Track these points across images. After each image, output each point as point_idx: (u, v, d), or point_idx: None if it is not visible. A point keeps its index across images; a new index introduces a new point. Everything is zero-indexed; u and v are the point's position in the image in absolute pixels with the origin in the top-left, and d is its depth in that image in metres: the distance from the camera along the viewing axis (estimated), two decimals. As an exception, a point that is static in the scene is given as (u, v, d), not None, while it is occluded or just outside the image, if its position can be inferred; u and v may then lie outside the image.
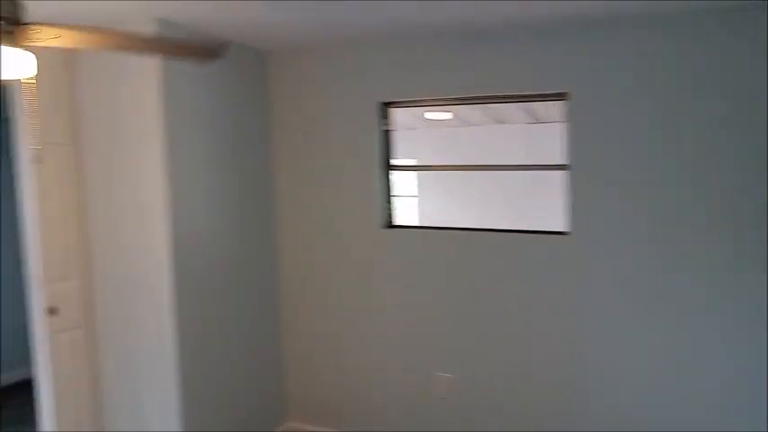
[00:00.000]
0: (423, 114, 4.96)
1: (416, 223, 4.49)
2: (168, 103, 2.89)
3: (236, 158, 3.42)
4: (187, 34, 2.95)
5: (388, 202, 3.54)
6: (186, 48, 2.04)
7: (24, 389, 4.61)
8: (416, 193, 6.20)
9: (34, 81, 1.84)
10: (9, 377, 4.81)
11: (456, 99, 3.35)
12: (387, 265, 3.51)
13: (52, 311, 2.97)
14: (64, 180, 3.05)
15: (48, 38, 1.78)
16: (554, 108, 3.24)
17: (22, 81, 1.87)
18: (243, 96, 3.48)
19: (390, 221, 3.54)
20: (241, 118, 3.46)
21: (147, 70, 2.85)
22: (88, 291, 3.17)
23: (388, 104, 3.48)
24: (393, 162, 3.53)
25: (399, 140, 3.57)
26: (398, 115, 3.54)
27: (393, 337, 3.53)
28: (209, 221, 3.22)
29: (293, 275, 3.77)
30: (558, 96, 3.08)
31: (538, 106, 4.07)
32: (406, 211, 4.55)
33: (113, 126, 3.02)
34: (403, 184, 3.63)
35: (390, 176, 3.53)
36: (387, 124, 3.49)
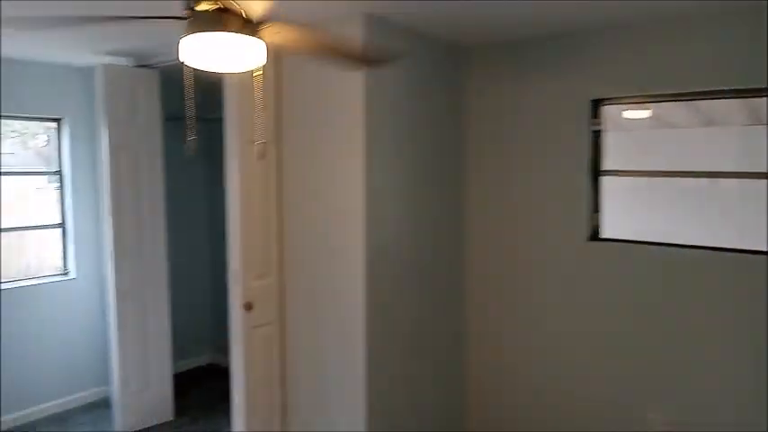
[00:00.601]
0: (620, 114, 4.46)
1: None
2: (370, 102, 2.77)
3: (429, 157, 3.24)
4: (390, 29, 2.82)
5: (596, 211, 3.13)
6: (354, 55, 1.91)
7: (206, 373, 4.90)
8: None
9: (262, 73, 1.76)
10: (197, 361, 5.12)
11: (679, 95, 2.88)
12: (590, 282, 3.11)
13: (248, 307, 3.00)
14: (266, 179, 3.07)
15: (271, 33, 1.71)
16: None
17: (253, 74, 1.80)
18: (440, 94, 3.29)
19: (597, 234, 3.14)
20: (437, 116, 3.28)
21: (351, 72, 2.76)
22: (281, 289, 3.18)
23: (598, 102, 3.08)
24: (603, 167, 3.12)
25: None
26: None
27: (591, 362, 3.12)
28: (401, 225, 3.07)
29: (481, 286, 3.50)
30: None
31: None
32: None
33: (314, 126, 2.98)
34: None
35: (599, 183, 3.13)
36: (597, 124, 3.09)
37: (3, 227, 4.05)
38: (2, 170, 4.49)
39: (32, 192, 4.83)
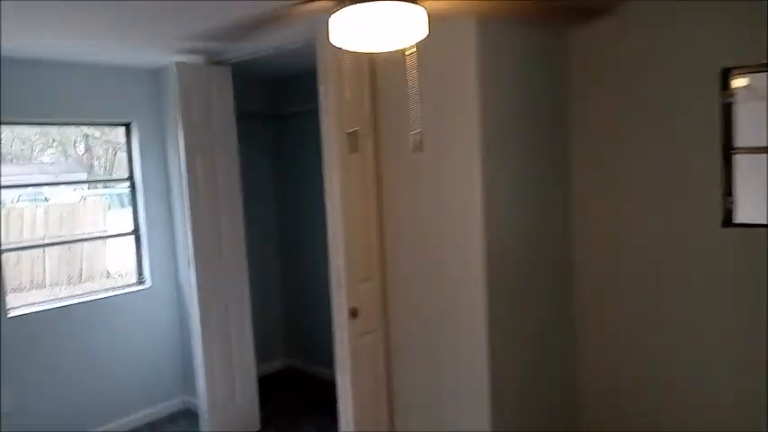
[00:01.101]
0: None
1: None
2: (484, 84, 2.53)
3: (541, 140, 2.99)
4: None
5: (729, 194, 2.82)
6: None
7: (284, 378, 4.74)
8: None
9: (416, 51, 1.53)
10: (273, 366, 4.97)
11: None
12: (724, 273, 2.80)
13: (354, 313, 2.79)
14: (365, 175, 2.85)
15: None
16: None
17: (406, 53, 1.57)
18: (550, 71, 3.03)
19: (730, 219, 2.83)
20: (549, 96, 3.03)
21: (462, 58, 2.53)
22: (386, 291, 2.96)
23: (729, 71, 2.77)
24: (735, 143, 2.80)
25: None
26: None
27: (731, 374, 2.82)
28: (518, 219, 2.83)
29: (593, 282, 3.20)
30: None
31: None
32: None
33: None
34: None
35: (732, 161, 2.81)
36: (729, 96, 2.78)
37: (70, 238, 3.95)
38: (72, 180, 4.41)
39: (81, 201, 4.76)
